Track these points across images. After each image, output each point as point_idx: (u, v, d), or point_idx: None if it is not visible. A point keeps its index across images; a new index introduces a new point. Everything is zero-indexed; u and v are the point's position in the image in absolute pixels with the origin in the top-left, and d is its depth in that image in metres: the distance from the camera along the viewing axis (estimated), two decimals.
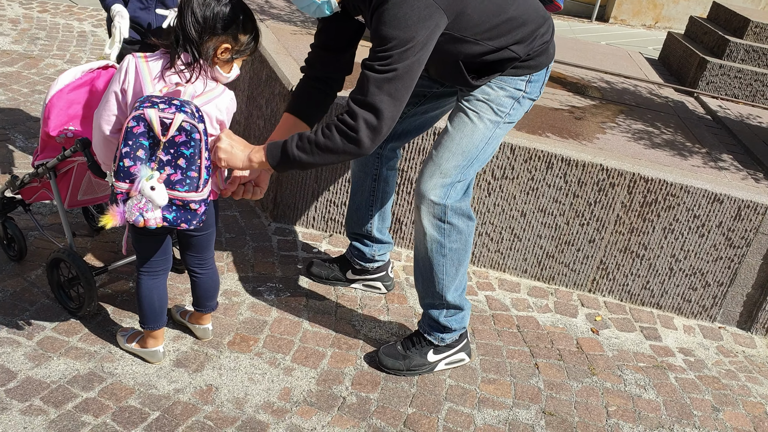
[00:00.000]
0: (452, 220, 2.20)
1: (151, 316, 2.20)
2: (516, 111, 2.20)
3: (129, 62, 1.90)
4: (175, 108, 1.83)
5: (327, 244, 3.11)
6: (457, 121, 2.19)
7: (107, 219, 1.88)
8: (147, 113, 1.81)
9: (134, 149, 1.84)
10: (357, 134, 1.89)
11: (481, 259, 3.09)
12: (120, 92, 1.90)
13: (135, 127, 1.82)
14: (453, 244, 2.23)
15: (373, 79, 1.88)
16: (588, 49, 5.06)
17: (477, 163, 2.21)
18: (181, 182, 1.89)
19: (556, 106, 3.46)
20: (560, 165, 2.86)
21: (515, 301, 2.95)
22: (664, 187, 2.84)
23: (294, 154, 1.94)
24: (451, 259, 2.25)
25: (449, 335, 2.40)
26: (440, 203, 2.18)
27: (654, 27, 9.17)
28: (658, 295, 3.05)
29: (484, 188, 2.94)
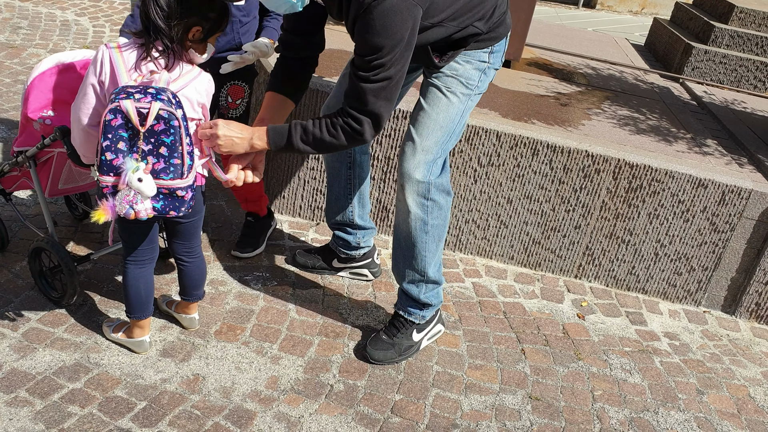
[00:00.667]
0: (434, 196, 2.24)
1: (138, 305, 2.20)
2: (483, 82, 2.26)
3: (103, 53, 1.88)
4: (150, 97, 1.81)
5: (314, 233, 3.10)
6: (431, 98, 2.22)
7: (99, 214, 1.87)
8: (123, 105, 1.79)
9: (114, 142, 1.83)
10: (363, 136, 2.00)
11: (468, 246, 3.10)
12: (97, 84, 1.89)
13: (113, 120, 1.81)
14: (435, 220, 2.28)
15: (370, 90, 1.94)
16: (574, 36, 5.06)
17: (454, 137, 2.26)
18: (165, 170, 1.89)
19: (542, 93, 3.46)
20: (546, 152, 2.86)
21: (502, 288, 2.96)
22: (649, 173, 2.86)
23: (298, 145, 2.02)
24: (433, 235, 2.30)
25: (428, 311, 2.44)
26: (425, 181, 2.21)
27: (641, 13, 9.19)
28: (644, 280, 3.07)
29: (470, 175, 2.95)
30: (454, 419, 2.23)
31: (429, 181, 2.21)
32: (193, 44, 1.92)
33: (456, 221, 3.05)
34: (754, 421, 2.48)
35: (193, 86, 1.94)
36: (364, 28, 1.89)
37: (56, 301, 2.40)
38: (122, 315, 2.38)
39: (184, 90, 1.91)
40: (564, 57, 4.32)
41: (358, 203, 2.67)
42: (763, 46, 4.42)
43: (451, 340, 2.59)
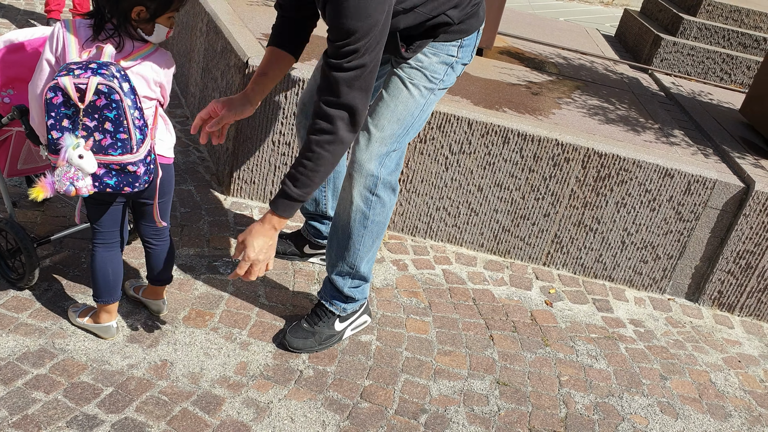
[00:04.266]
0: (380, 192, 2.21)
1: (105, 289, 2.17)
2: (449, 77, 2.21)
3: (58, 30, 1.86)
4: (90, 72, 1.77)
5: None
6: (392, 89, 2.17)
7: (37, 191, 1.85)
8: (61, 81, 1.76)
9: (58, 120, 1.80)
10: (336, 134, 1.89)
11: (438, 234, 3.11)
12: (54, 60, 1.87)
13: (54, 98, 1.78)
14: (376, 216, 2.24)
15: (342, 79, 1.83)
16: (546, 25, 5.09)
17: (412, 131, 2.21)
18: (112, 146, 1.86)
19: (513, 82, 3.47)
20: (516, 140, 2.88)
21: (471, 275, 2.99)
22: (617, 162, 2.89)
23: (300, 195, 1.96)
24: (371, 230, 2.27)
25: (351, 305, 2.40)
26: (374, 174, 2.17)
27: (611, 4, 9.27)
28: (611, 268, 3.12)
29: (442, 163, 2.96)
30: (422, 404, 2.25)
31: (378, 176, 2.17)
32: (140, 24, 1.86)
33: (427, 208, 3.06)
34: (715, 406, 2.54)
35: (149, 64, 1.91)
36: (335, 10, 1.78)
37: (14, 282, 2.36)
38: (89, 300, 2.35)
39: (137, 67, 1.89)
40: (536, 46, 4.35)
41: (332, 196, 2.65)
42: (730, 39, 4.49)
43: (420, 327, 2.60)
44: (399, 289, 2.79)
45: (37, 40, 2.18)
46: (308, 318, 2.39)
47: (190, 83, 3.81)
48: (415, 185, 3.01)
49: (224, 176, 3.17)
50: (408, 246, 3.08)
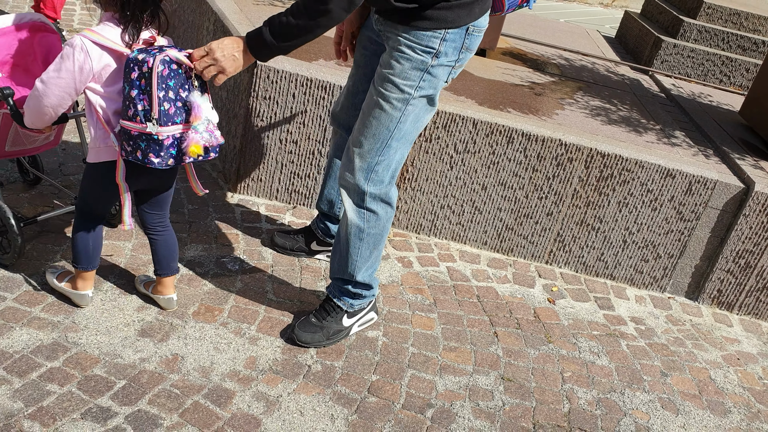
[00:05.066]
0: (371, 206, 2.22)
1: (85, 256, 2.25)
2: (427, 83, 2.09)
3: (82, 41, 1.95)
4: (176, 48, 2.00)
5: (290, 216, 3.12)
6: (367, 104, 2.17)
7: (194, 148, 2.01)
8: (171, 54, 1.94)
9: (167, 91, 1.96)
10: (328, 4, 1.87)
11: (442, 231, 3.16)
12: (77, 70, 1.96)
13: (164, 71, 1.93)
14: (372, 229, 2.26)
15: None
16: (547, 27, 5.13)
17: (395, 143, 2.15)
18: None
19: (516, 82, 3.51)
20: (521, 140, 2.92)
21: (475, 272, 3.03)
22: (620, 162, 2.94)
23: (272, 43, 1.94)
24: (368, 243, 2.29)
25: (359, 302, 2.43)
26: (360, 189, 2.19)
27: (611, 5, 9.32)
28: (612, 267, 3.16)
29: (447, 162, 3.00)
30: (429, 399, 2.29)
31: (365, 190, 2.19)
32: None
33: (432, 206, 3.10)
34: (714, 402, 2.59)
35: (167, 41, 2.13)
36: None
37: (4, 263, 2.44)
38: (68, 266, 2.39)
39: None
40: (538, 47, 4.39)
41: None
42: (729, 42, 4.54)
43: (426, 323, 2.65)
44: (404, 285, 2.83)
45: (25, 24, 2.29)
46: (316, 313, 2.43)
47: None
48: (420, 183, 3.05)
49: (231, 174, 3.21)
50: (413, 243, 3.12)
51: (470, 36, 2.09)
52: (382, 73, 2.12)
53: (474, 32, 2.09)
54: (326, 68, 2.96)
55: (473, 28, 2.08)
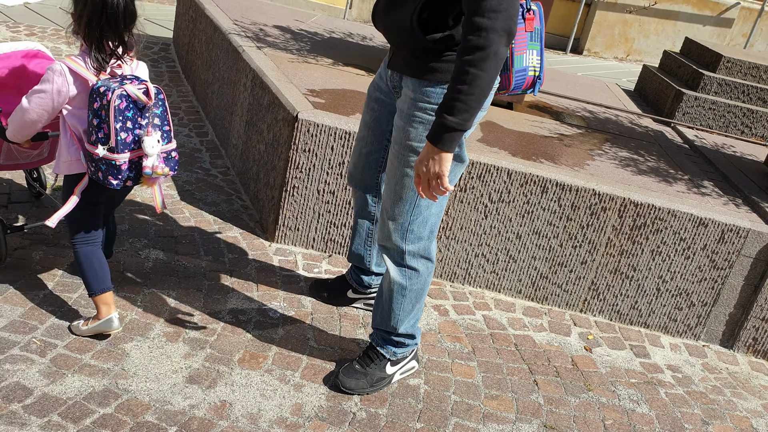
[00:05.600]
0: (412, 263, 2.26)
1: (96, 281, 2.39)
2: None
3: (62, 66, 2.17)
4: (137, 80, 2.20)
5: (327, 264, 3.18)
6: (389, 168, 2.21)
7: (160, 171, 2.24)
8: (128, 89, 2.14)
9: (124, 122, 2.15)
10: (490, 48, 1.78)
11: (477, 280, 3.19)
12: (55, 93, 2.18)
13: (120, 104, 2.13)
14: (413, 285, 2.31)
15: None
16: (568, 80, 5.26)
17: (424, 202, 2.17)
18: (161, 137, 2.26)
19: (545, 134, 3.60)
20: (555, 189, 2.99)
21: (511, 321, 3.05)
22: (653, 212, 2.99)
23: (458, 123, 1.85)
24: (410, 298, 2.33)
25: (402, 350, 2.46)
26: (398, 247, 2.23)
27: (626, 59, 9.51)
28: (646, 315, 3.18)
29: (481, 211, 3.06)
30: None
31: (404, 249, 2.23)
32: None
33: (466, 255, 3.15)
34: None
35: (140, 72, 2.35)
36: None
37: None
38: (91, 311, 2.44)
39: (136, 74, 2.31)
40: (562, 100, 4.50)
41: (377, 252, 2.72)
42: (749, 94, 4.64)
43: (466, 371, 2.66)
44: (442, 333, 2.86)
45: (21, 51, 2.60)
46: (360, 360, 2.46)
47: (231, 135, 3.95)
48: (455, 232, 3.11)
49: (269, 223, 3.28)
50: (447, 291, 3.15)
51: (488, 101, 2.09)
52: (399, 138, 2.14)
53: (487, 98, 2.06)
54: None
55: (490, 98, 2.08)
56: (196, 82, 4.89)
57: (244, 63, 3.74)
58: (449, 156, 1.90)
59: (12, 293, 2.55)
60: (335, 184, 3.09)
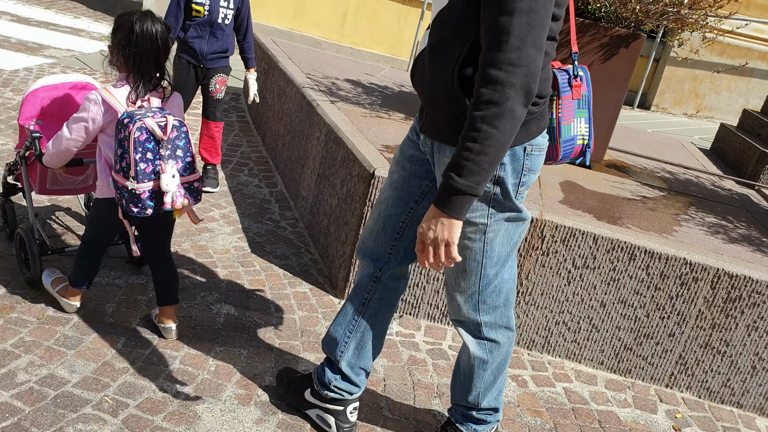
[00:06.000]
0: (490, 335, 2.10)
1: (83, 278, 2.59)
2: (497, 208, 1.90)
3: (96, 96, 2.30)
4: (161, 113, 2.27)
5: (398, 326, 3.07)
6: None
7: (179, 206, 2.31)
8: (147, 122, 2.21)
9: (144, 153, 2.23)
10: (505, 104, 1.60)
11: (557, 349, 3.03)
12: (91, 120, 2.32)
13: (140, 136, 2.21)
14: (496, 358, 2.14)
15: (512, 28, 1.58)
16: (642, 138, 5.11)
17: (491, 270, 1.99)
18: (184, 168, 2.33)
19: (627, 196, 3.46)
20: (643, 257, 2.83)
21: (593, 394, 2.87)
22: (750, 284, 2.80)
23: (467, 186, 1.66)
24: (492, 371, 2.16)
25: (483, 427, 2.27)
26: (474, 320, 2.07)
27: (695, 116, 9.28)
28: (739, 394, 2.95)
29: (564, 276, 2.92)
30: None
31: (479, 321, 2.07)
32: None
33: (546, 322, 3.00)
34: None
35: (172, 103, 2.44)
36: None
37: (27, 281, 2.79)
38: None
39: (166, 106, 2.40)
40: (639, 159, 4.35)
41: (354, 349, 2.26)
42: None
43: None
44: (521, 407, 2.70)
45: (69, 83, 2.75)
46: None
47: (301, 187, 3.93)
48: (535, 298, 2.97)
49: (338, 280, 3.20)
50: (525, 360, 3.00)
51: (529, 156, 1.88)
52: None
53: (533, 152, 1.88)
54: None
55: (531, 148, 1.87)
56: (266, 133, 4.92)
57: (318, 117, 3.73)
58: (458, 223, 1.69)
59: (85, 347, 2.52)
60: None
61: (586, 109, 2.04)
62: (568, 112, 1.99)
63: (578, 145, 2.04)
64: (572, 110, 2.00)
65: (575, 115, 2.01)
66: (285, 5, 8.48)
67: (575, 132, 2.02)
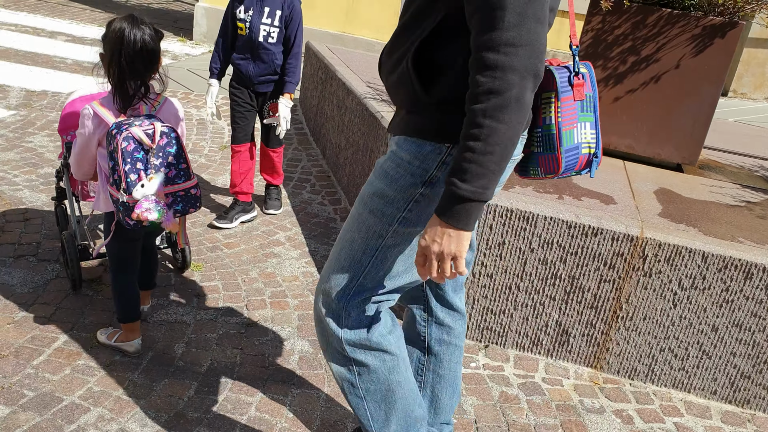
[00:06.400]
0: (356, 356, 1.71)
1: (125, 310, 2.50)
2: (416, 212, 1.58)
3: (88, 110, 2.27)
4: (149, 121, 2.23)
5: (484, 357, 2.83)
6: (346, 220, 1.71)
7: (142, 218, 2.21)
8: (133, 131, 2.17)
9: (134, 164, 2.19)
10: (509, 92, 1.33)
11: (662, 378, 2.74)
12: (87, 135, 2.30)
13: (128, 146, 2.17)
14: (368, 384, 1.74)
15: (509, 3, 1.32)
16: (729, 131, 4.72)
17: (369, 282, 1.64)
18: (177, 176, 2.28)
19: (730, 203, 3.12)
20: (761, 275, 2.52)
21: (709, 430, 2.57)
22: None
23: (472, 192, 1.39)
24: (372, 400, 1.77)
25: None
26: (334, 333, 1.68)
27: None
28: None
29: (669, 299, 2.62)
30: None
31: (340, 336, 1.68)
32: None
33: (649, 349, 2.71)
34: None
35: (166, 110, 2.39)
36: None
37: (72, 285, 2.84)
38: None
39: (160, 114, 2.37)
40: (732, 156, 3.99)
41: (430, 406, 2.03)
42: None
43: None
44: None
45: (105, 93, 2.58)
46: None
47: None
48: (636, 323, 2.68)
49: None
50: (627, 392, 2.72)
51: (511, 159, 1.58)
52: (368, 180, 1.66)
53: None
54: (525, 196, 2.72)
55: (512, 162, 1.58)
56: (326, 146, 4.73)
57: (382, 130, 3.52)
58: (466, 234, 1.42)
59: (156, 396, 2.36)
60: (493, 267, 2.76)
61: (591, 112, 1.66)
62: (570, 116, 1.63)
63: (583, 154, 1.66)
64: (575, 114, 1.64)
65: (578, 119, 1.64)
66: (335, 7, 8.30)
67: (579, 139, 1.65)
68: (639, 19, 3.17)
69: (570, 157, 1.64)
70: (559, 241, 2.65)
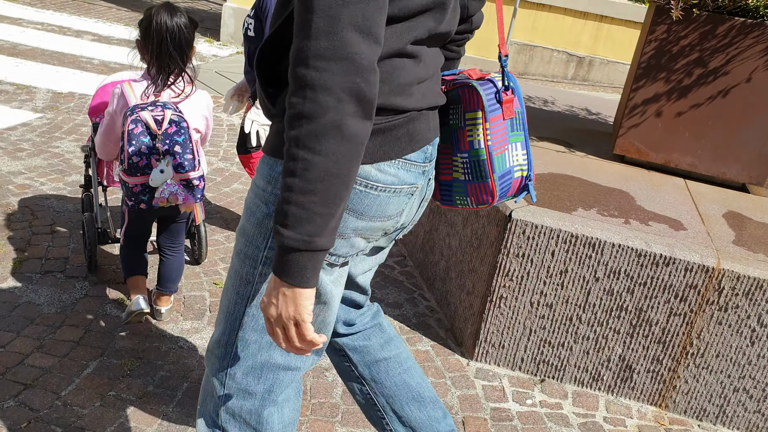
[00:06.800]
0: (226, 425, 1.41)
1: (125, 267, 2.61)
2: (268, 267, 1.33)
3: (118, 90, 2.32)
4: (161, 107, 2.26)
5: (540, 394, 2.63)
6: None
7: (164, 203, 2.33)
8: (141, 115, 2.21)
9: (138, 146, 2.22)
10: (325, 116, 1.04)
11: (734, 420, 2.53)
12: (113, 112, 2.34)
13: (134, 129, 2.21)
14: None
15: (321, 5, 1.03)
16: None
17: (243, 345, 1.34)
18: (181, 165, 2.29)
19: None
20: None
21: None
22: None
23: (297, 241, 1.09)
24: None
25: None
26: (216, 393, 1.39)
27: None
28: None
29: (746, 336, 2.41)
30: None
31: (220, 395, 1.38)
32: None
33: (721, 389, 2.50)
34: None
35: (194, 101, 2.39)
36: None
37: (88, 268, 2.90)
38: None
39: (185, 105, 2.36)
40: None
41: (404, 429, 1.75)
42: None
43: None
44: None
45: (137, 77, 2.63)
46: None
47: None
48: (707, 360, 2.47)
49: (465, 337, 2.79)
50: None
51: (363, 195, 1.25)
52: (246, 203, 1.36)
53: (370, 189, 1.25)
54: (591, 221, 2.52)
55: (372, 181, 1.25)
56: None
57: None
58: (305, 292, 1.13)
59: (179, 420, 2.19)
60: (554, 297, 2.56)
61: (521, 131, 1.43)
62: (500, 138, 1.39)
63: (516, 178, 1.43)
64: (505, 135, 1.40)
65: (509, 140, 1.40)
66: None
67: (511, 162, 1.42)
68: (708, 29, 2.95)
69: (504, 183, 1.40)
70: (627, 270, 2.44)
